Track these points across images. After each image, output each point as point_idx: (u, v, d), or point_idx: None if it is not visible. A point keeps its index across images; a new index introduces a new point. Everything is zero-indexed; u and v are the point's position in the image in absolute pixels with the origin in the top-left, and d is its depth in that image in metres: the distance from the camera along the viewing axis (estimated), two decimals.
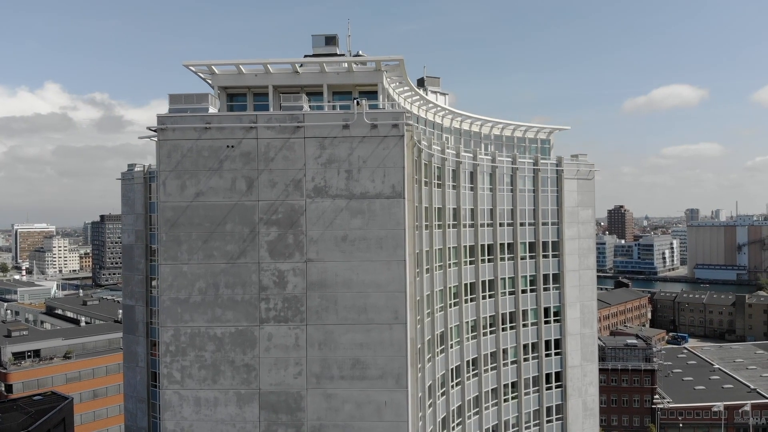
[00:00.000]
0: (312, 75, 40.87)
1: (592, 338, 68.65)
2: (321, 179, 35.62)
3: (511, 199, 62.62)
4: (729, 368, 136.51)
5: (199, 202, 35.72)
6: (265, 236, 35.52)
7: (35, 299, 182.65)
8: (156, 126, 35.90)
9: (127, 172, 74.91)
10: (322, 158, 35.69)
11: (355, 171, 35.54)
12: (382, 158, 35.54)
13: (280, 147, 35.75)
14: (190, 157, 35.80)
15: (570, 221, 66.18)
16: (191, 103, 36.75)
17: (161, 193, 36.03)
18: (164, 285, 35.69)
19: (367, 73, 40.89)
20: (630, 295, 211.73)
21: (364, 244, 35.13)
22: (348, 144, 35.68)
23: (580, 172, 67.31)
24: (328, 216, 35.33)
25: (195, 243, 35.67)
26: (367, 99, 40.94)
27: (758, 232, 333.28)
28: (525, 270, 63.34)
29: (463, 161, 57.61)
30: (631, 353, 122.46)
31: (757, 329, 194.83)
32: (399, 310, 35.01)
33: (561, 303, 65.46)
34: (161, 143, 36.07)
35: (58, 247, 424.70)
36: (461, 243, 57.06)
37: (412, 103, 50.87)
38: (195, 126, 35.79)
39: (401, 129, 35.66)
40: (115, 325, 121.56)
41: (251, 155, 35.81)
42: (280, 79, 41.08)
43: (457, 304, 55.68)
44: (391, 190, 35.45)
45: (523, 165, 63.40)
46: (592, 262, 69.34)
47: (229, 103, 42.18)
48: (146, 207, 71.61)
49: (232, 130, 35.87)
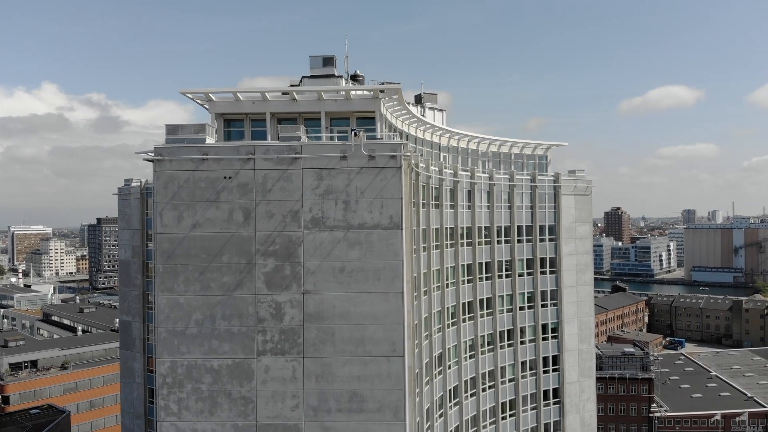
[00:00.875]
0: (310, 102, 40.74)
1: (589, 354, 68.67)
2: (319, 210, 35.50)
3: (509, 216, 62.56)
4: (726, 375, 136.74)
5: (196, 233, 35.56)
6: (262, 267, 35.40)
7: (32, 305, 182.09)
8: (153, 157, 35.73)
9: (124, 187, 74.64)
10: (320, 189, 35.57)
11: (353, 202, 35.43)
12: (380, 189, 35.43)
13: (278, 178, 35.61)
14: (187, 188, 35.64)
15: (567, 237, 66.18)
16: (188, 134, 36.59)
17: (158, 224, 35.86)
18: (161, 317, 35.54)
19: (365, 101, 40.80)
20: (627, 299, 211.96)
21: (362, 276, 35.03)
22: (346, 175, 35.56)
23: (578, 188, 67.30)
24: (326, 247, 35.21)
25: (192, 274, 35.53)
26: (365, 128, 40.87)
27: (755, 235, 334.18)
28: (523, 287, 63.32)
29: (460, 180, 57.54)
30: (629, 362, 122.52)
31: (753, 334, 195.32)
32: (397, 342, 34.92)
33: (559, 319, 65.46)
34: (158, 174, 35.90)
35: (54, 249, 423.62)
36: (459, 262, 57.02)
37: (410, 125, 50.78)
38: (192, 157, 35.63)
39: (399, 160, 35.56)
40: (112, 334, 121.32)
41: (248, 186, 35.67)
42: (277, 106, 40.94)
43: (455, 324, 55.63)
44: (389, 221, 35.34)
45: (520, 182, 63.37)
46: (590, 277, 69.37)
47: (227, 129, 42.03)
48: (143, 223, 71.35)
49: (230, 161, 35.73)
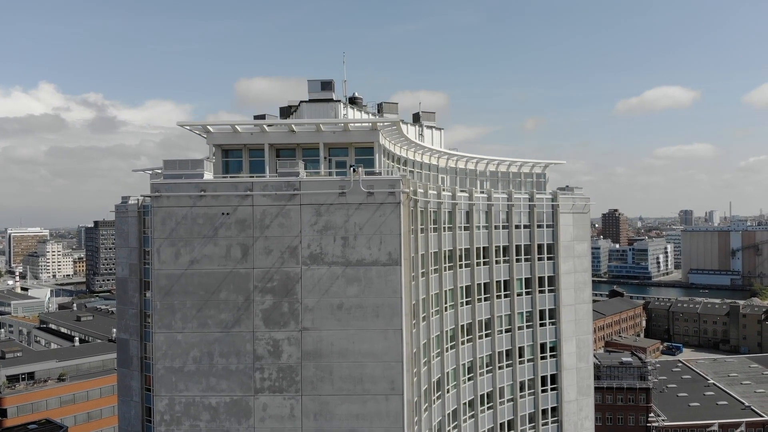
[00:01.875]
0: (308, 134, 40.61)
1: (588, 372, 68.68)
2: (317, 246, 35.38)
3: (507, 235, 62.51)
4: (723, 383, 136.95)
5: (194, 269, 35.42)
6: (260, 304, 35.27)
7: (29, 312, 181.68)
8: (150, 194, 35.61)
9: (121, 205, 74.37)
10: (318, 225, 35.46)
11: (352, 238, 35.32)
12: (378, 225, 35.33)
13: (276, 214, 35.48)
14: (185, 224, 35.50)
15: (566, 255, 66.17)
16: (186, 169, 36.43)
17: (155, 260, 35.72)
18: (158, 353, 35.40)
19: (363, 132, 40.69)
20: (625, 304, 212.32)
21: (360, 313, 34.93)
22: (344, 211, 35.44)
23: (576, 206, 67.28)
24: (324, 283, 35.10)
25: (189, 311, 35.39)
26: (363, 157, 40.79)
27: (752, 237, 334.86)
28: (521, 306, 63.30)
29: (459, 202, 57.49)
30: (626, 371, 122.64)
31: (750, 339, 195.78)
32: (395, 380, 34.83)
33: (557, 338, 65.46)
34: (155, 210, 35.77)
35: (51, 251, 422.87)
36: (457, 285, 56.95)
37: (407, 150, 50.70)
38: (190, 194, 35.49)
39: (398, 196, 35.47)
40: (109, 344, 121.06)
41: (247, 222, 35.53)
42: (276, 137, 40.80)
43: (454, 347, 55.58)
44: (387, 257, 35.25)
45: (518, 201, 63.33)
46: (588, 295, 69.38)
47: (225, 159, 41.89)
48: (140, 241, 71.13)
49: (228, 198, 35.59)
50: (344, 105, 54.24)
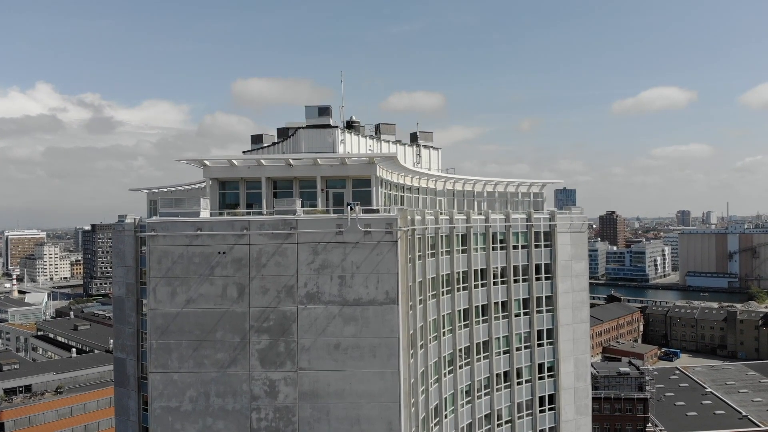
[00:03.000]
0: (305, 167, 40.44)
1: (585, 391, 68.58)
2: (314, 285, 35.23)
3: (505, 256, 62.42)
4: (721, 391, 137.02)
5: (190, 309, 35.26)
6: (256, 344, 35.12)
7: (26, 319, 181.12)
8: (147, 233, 35.42)
9: (118, 224, 73.98)
10: (315, 264, 35.30)
11: (349, 277, 35.17)
12: (375, 264, 35.19)
13: (273, 253, 35.32)
14: (181, 263, 35.32)
15: (563, 275, 66.06)
16: (182, 207, 36.24)
17: (151, 300, 35.56)
18: (155, 393, 35.22)
19: (360, 166, 40.52)
20: (622, 309, 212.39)
21: (357, 353, 34.79)
22: (341, 249, 35.29)
23: (573, 225, 67.16)
24: (321, 323, 34.95)
25: (185, 351, 35.22)
26: (360, 199, 40.62)
27: (749, 240, 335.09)
28: (519, 327, 63.17)
29: (456, 225, 57.36)
30: (624, 382, 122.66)
31: (748, 345, 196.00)
32: (393, 421, 34.71)
33: (555, 358, 65.37)
34: (151, 249, 35.59)
35: (49, 254, 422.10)
36: (455, 308, 56.84)
37: (405, 176, 50.54)
38: (186, 233, 35.31)
39: (395, 234, 35.33)
40: (107, 355, 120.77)
41: (243, 261, 35.37)
42: (273, 171, 40.63)
43: (452, 372, 55.45)
44: (384, 296, 35.11)
45: (516, 221, 63.22)
46: (586, 315, 69.29)
47: (221, 191, 41.70)
48: (137, 260, 70.77)
49: (224, 237, 35.42)
50: (342, 130, 54.12)
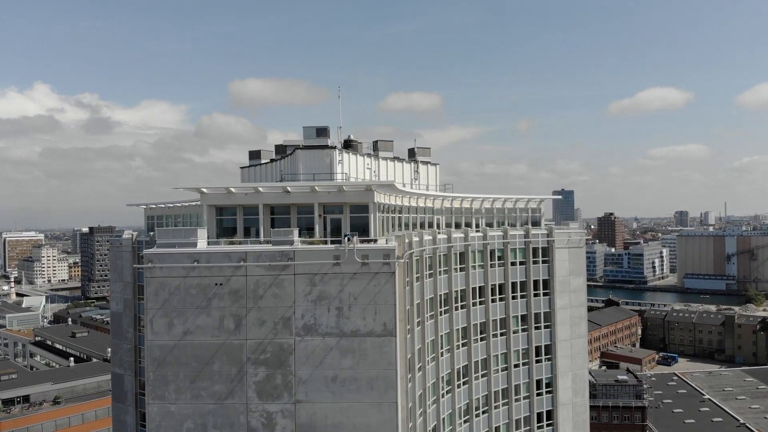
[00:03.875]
0: (303, 194, 40.39)
1: (583, 407, 68.64)
2: (311, 317, 35.18)
3: (503, 273, 62.43)
4: (718, 398, 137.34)
5: (187, 341, 35.19)
6: (253, 376, 35.06)
7: (24, 325, 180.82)
8: (143, 265, 35.38)
9: (115, 239, 74.04)
10: (313, 295, 35.26)
11: (346, 308, 35.13)
12: (373, 295, 35.17)
13: (270, 284, 35.27)
14: (178, 294, 35.25)
15: (561, 290, 66.10)
16: (179, 237, 36.16)
17: (148, 331, 35.49)
18: (152, 425, 35.16)
19: (358, 193, 40.45)
20: (620, 314, 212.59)
21: (355, 385, 34.75)
22: (339, 280, 35.26)
23: (571, 241, 67.19)
24: (318, 355, 34.91)
25: (183, 382, 35.16)
26: (357, 229, 40.58)
27: (747, 243, 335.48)
28: (518, 344, 63.21)
29: (454, 244, 57.36)
30: (622, 390, 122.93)
31: (745, 349, 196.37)
32: None
33: (553, 374, 65.44)
34: (148, 281, 35.53)
35: (47, 256, 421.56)
36: (453, 327, 56.85)
37: (402, 197, 50.48)
38: (183, 265, 35.25)
39: (392, 266, 35.31)
40: (105, 364, 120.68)
41: (240, 293, 35.32)
42: (270, 198, 40.57)
43: (450, 392, 55.46)
44: (382, 328, 35.08)
45: (514, 238, 63.23)
46: (584, 330, 69.35)
47: (219, 217, 41.61)
48: (134, 276, 70.83)
49: (221, 268, 35.37)
50: (339, 150, 54.09)
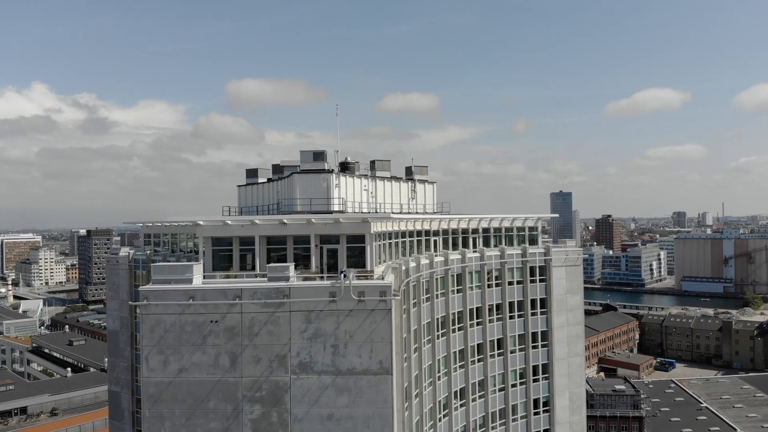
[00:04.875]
0: (299, 226, 40.30)
1: (581, 425, 68.66)
2: (306, 354, 35.09)
3: (500, 293, 62.40)
4: (716, 407, 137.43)
5: (183, 378, 35.08)
6: (249, 414, 34.96)
7: (21, 332, 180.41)
8: (139, 302, 35.27)
9: (112, 257, 73.89)
10: (308, 332, 35.18)
11: (342, 346, 35.05)
12: (369, 332, 35.08)
13: (265, 321, 35.18)
14: (174, 332, 35.15)
15: (559, 309, 66.13)
16: (174, 274, 36.04)
17: (144, 368, 35.42)
18: None
19: (354, 224, 40.38)
20: (618, 319, 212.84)
21: (351, 424, 34.66)
22: (335, 318, 35.17)
23: (568, 259, 67.19)
24: (314, 393, 34.82)
25: (178, 420, 35.05)
26: (354, 258, 40.52)
27: (744, 245, 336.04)
28: (515, 364, 63.20)
29: (451, 267, 57.31)
30: (619, 399, 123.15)
31: (743, 355, 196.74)
32: None
33: (550, 393, 65.43)
34: (144, 318, 35.44)
35: (44, 258, 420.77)
36: (450, 350, 56.82)
37: (399, 223, 50.38)
38: (179, 302, 35.16)
39: (389, 303, 35.23)
40: (101, 375, 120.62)
41: (235, 330, 35.23)
42: (267, 229, 40.48)
43: (447, 415, 55.42)
44: (378, 366, 35.00)
45: (511, 257, 63.21)
46: (581, 348, 69.38)
47: (214, 248, 41.47)
48: (131, 294, 70.67)
49: (216, 305, 35.27)
50: (336, 174, 53.98)
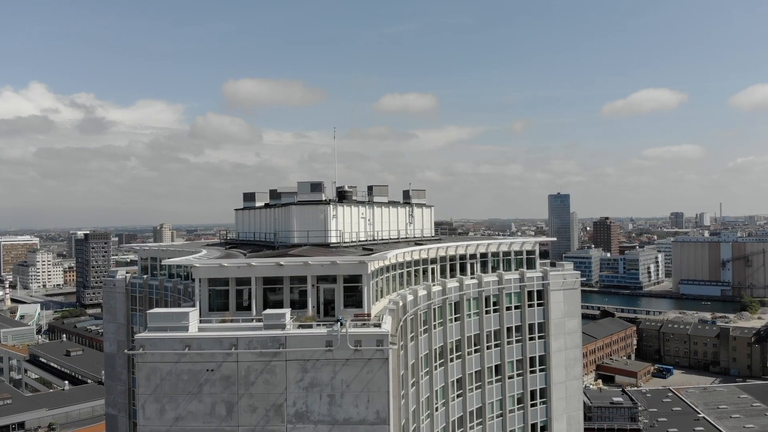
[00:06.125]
0: (296, 267, 40.17)
1: None
2: (302, 404, 34.93)
3: (498, 319, 62.32)
4: (713, 416, 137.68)
5: (179, 427, 34.90)
6: None
7: (18, 340, 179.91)
8: (134, 351, 35.11)
9: (109, 280, 73.65)
10: (304, 382, 35.02)
11: (338, 395, 34.89)
12: (366, 382, 34.94)
13: (261, 370, 35.02)
14: (170, 380, 34.97)
15: (557, 333, 66.08)
16: (170, 321, 35.86)
17: (140, 417, 35.22)
18: None
19: (351, 265, 40.25)
20: (616, 326, 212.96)
21: None
22: (331, 367, 35.02)
23: (566, 283, 67.14)
24: None
25: None
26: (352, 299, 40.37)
27: (742, 249, 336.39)
28: (513, 389, 63.16)
29: (449, 295, 57.21)
30: (617, 412, 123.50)
31: (740, 361, 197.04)
32: None
33: (548, 417, 65.46)
34: (140, 366, 35.26)
35: (42, 261, 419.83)
36: (448, 380, 56.76)
37: (396, 256, 50.23)
38: (174, 350, 34.98)
39: (386, 352, 35.08)
40: (98, 388, 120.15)
41: (231, 379, 35.06)
42: (263, 271, 40.33)
43: None
44: (375, 416, 34.85)
45: (509, 282, 63.12)
46: (579, 371, 69.36)
47: (211, 288, 41.28)
48: (128, 318, 70.56)
49: (212, 354, 35.10)
50: (334, 205, 53.80)
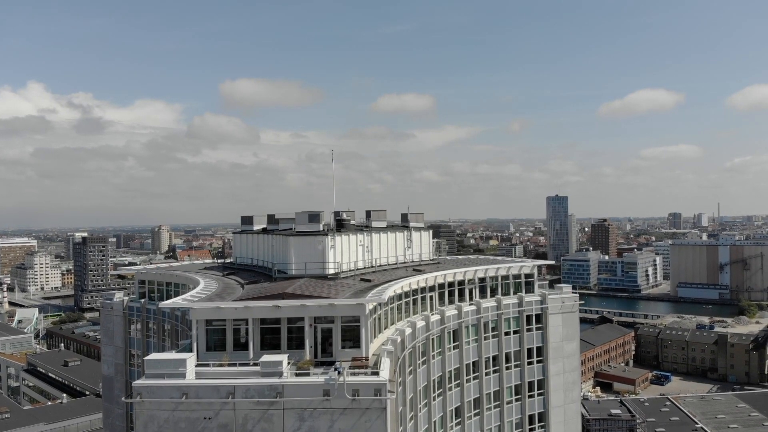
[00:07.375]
0: (293, 308, 40.07)
1: None
2: None
3: (497, 344, 62.27)
4: (711, 427, 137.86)
5: None
6: None
7: (17, 348, 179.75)
8: (132, 399, 35.04)
9: (106, 302, 73.43)
10: (302, 430, 34.95)
11: None
12: (364, 431, 34.93)
13: (258, 419, 34.94)
14: (167, 428, 34.89)
15: (555, 357, 66.05)
16: (168, 368, 35.79)
17: None
18: None
19: (349, 307, 40.18)
20: (614, 332, 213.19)
21: None
22: (329, 416, 34.95)
23: (564, 306, 67.12)
24: None
25: None
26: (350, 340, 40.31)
27: (740, 252, 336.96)
28: (511, 415, 63.11)
29: (447, 324, 57.15)
30: (615, 425, 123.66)
31: (738, 368, 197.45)
32: None
33: None
34: (137, 413, 35.21)
35: (40, 264, 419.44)
36: (447, 409, 56.69)
37: (395, 290, 50.10)
38: (172, 398, 34.91)
39: (383, 402, 35.03)
40: (97, 401, 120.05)
41: (229, 427, 34.98)
42: (261, 312, 40.22)
43: None
44: None
45: (508, 307, 63.07)
46: (577, 394, 69.47)
47: (208, 327, 41.19)
48: (126, 341, 70.35)
49: (210, 402, 35.04)
50: (332, 236, 53.67)
